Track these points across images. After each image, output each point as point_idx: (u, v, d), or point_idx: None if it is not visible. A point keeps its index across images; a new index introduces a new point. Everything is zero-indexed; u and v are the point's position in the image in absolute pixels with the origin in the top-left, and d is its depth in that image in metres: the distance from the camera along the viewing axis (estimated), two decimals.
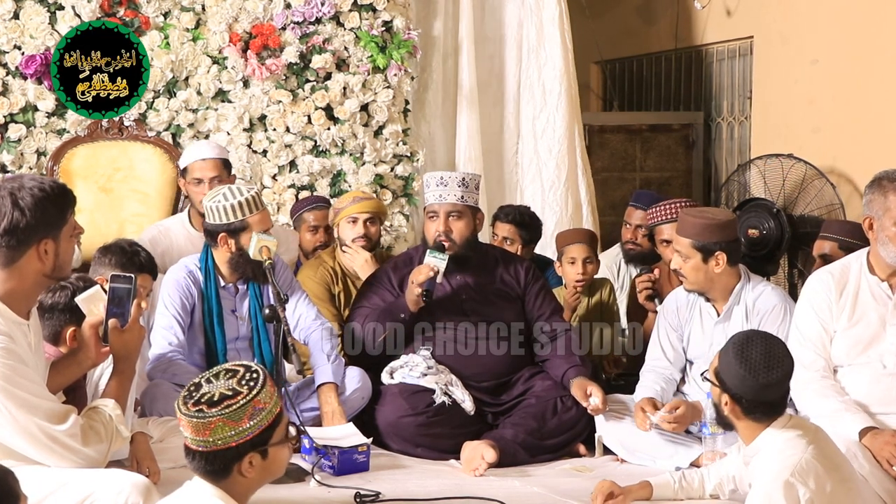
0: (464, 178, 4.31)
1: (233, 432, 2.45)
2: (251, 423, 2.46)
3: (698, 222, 4.00)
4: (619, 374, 4.76)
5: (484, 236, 4.87)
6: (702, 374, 3.22)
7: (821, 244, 4.64)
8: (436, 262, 4.14)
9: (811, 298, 3.74)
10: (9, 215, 2.73)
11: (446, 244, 4.23)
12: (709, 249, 3.96)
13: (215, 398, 2.48)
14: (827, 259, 4.40)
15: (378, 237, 4.84)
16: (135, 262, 3.80)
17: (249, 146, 5.40)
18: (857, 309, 3.65)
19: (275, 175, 5.44)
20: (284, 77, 5.43)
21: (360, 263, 4.66)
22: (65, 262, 2.86)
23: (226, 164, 4.80)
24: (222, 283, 4.12)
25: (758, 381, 2.96)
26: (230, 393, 2.48)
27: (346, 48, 5.53)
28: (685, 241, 3.99)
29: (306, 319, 4.16)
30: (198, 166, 4.69)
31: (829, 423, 3.38)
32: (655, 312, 4.52)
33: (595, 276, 4.86)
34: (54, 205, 2.80)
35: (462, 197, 4.28)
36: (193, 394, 2.51)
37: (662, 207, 4.73)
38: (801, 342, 3.69)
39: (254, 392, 2.46)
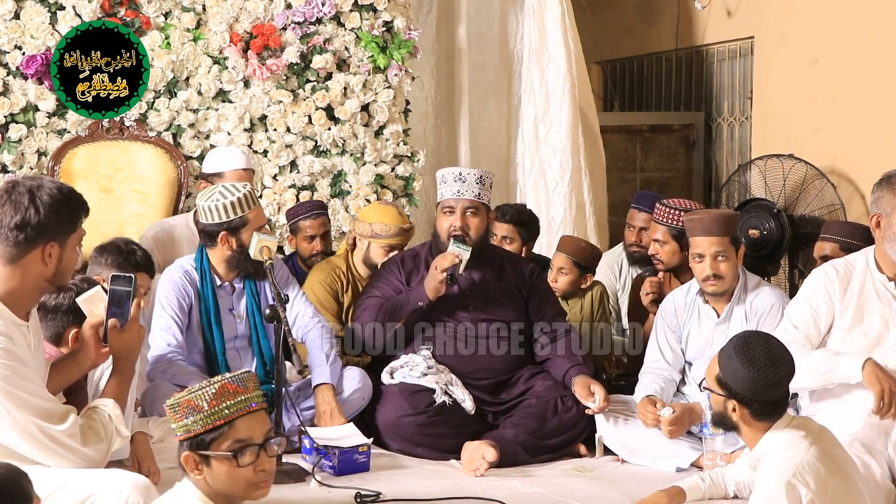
0: (481, 176, 4.32)
1: (175, 425, 2.52)
2: (186, 420, 2.49)
3: (722, 216, 4.03)
4: (620, 375, 4.76)
5: None
6: (699, 385, 3.20)
7: (821, 246, 4.63)
8: (460, 251, 4.17)
9: (809, 292, 3.73)
10: (23, 210, 2.76)
11: (466, 239, 4.25)
12: (738, 240, 4.06)
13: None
14: (828, 261, 4.39)
15: None
16: (131, 261, 3.80)
17: (250, 146, 5.40)
18: (861, 308, 3.64)
19: (275, 175, 5.44)
20: (285, 77, 5.43)
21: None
22: (66, 269, 2.88)
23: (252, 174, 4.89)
24: (218, 283, 4.12)
25: (767, 379, 2.94)
26: (185, 392, 2.54)
27: (346, 48, 5.52)
28: (724, 239, 3.98)
29: (304, 317, 4.16)
30: (238, 175, 4.68)
31: (825, 373, 3.51)
32: None
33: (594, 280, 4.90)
34: (69, 209, 2.83)
35: (479, 194, 4.29)
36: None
37: (667, 210, 4.67)
38: (785, 327, 3.71)
39: (193, 392, 2.50)
